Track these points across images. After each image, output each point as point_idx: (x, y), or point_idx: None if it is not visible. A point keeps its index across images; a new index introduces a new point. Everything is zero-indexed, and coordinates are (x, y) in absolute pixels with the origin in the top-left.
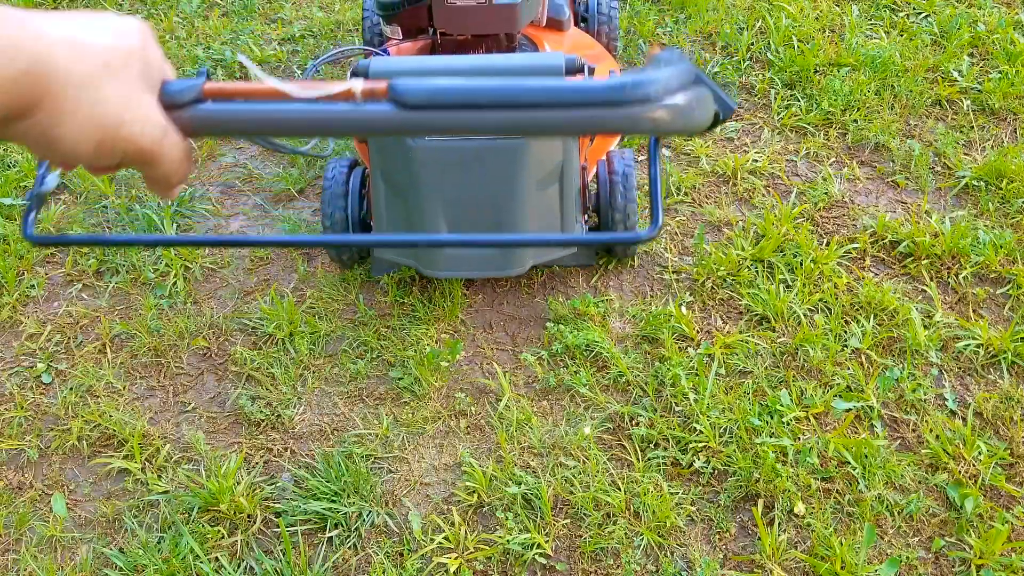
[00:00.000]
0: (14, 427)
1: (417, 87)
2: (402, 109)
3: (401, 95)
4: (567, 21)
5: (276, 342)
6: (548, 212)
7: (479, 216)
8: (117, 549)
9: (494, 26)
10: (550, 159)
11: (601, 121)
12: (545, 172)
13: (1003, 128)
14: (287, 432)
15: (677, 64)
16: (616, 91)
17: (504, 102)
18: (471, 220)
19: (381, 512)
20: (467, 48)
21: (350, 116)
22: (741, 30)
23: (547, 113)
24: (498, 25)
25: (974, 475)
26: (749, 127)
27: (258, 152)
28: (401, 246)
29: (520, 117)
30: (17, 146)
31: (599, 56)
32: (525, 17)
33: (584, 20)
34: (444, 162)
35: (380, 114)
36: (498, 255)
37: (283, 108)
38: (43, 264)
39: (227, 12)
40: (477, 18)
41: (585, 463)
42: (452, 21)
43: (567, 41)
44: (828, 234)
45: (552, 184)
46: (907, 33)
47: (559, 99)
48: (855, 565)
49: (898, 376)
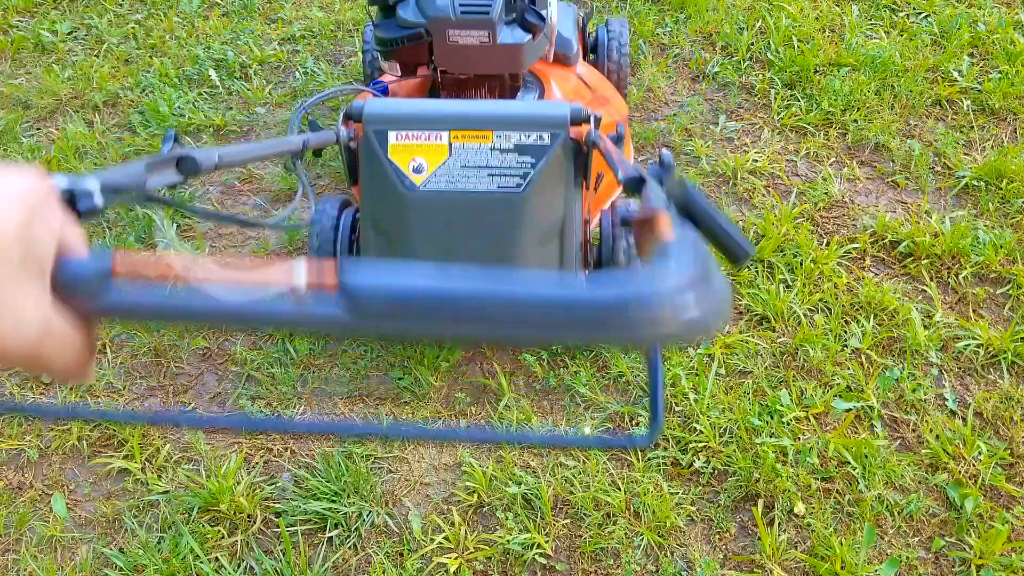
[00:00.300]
0: (14, 427)
1: (375, 289)
2: (354, 312)
3: (354, 296)
4: (575, 56)
5: (276, 342)
6: (547, 270)
7: None
8: (117, 549)
9: (498, 66)
10: (551, 214)
11: (594, 338)
12: (546, 228)
13: (1003, 128)
14: (287, 432)
15: (688, 252)
16: (616, 310)
17: (481, 316)
18: None
19: (381, 512)
20: (469, 87)
21: (289, 315)
22: (741, 30)
23: (531, 330)
24: (502, 66)
25: (974, 475)
26: (749, 127)
27: None
28: (349, 434)
29: (497, 332)
30: (17, 147)
31: (607, 98)
32: (530, 57)
33: (593, 52)
34: (439, 213)
35: (327, 316)
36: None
37: (208, 300)
38: None
39: (227, 12)
40: (480, 58)
41: (585, 463)
42: (454, 60)
43: (574, 79)
44: (828, 234)
45: (552, 240)
46: (907, 33)
47: (546, 317)
48: (855, 565)
49: (898, 376)
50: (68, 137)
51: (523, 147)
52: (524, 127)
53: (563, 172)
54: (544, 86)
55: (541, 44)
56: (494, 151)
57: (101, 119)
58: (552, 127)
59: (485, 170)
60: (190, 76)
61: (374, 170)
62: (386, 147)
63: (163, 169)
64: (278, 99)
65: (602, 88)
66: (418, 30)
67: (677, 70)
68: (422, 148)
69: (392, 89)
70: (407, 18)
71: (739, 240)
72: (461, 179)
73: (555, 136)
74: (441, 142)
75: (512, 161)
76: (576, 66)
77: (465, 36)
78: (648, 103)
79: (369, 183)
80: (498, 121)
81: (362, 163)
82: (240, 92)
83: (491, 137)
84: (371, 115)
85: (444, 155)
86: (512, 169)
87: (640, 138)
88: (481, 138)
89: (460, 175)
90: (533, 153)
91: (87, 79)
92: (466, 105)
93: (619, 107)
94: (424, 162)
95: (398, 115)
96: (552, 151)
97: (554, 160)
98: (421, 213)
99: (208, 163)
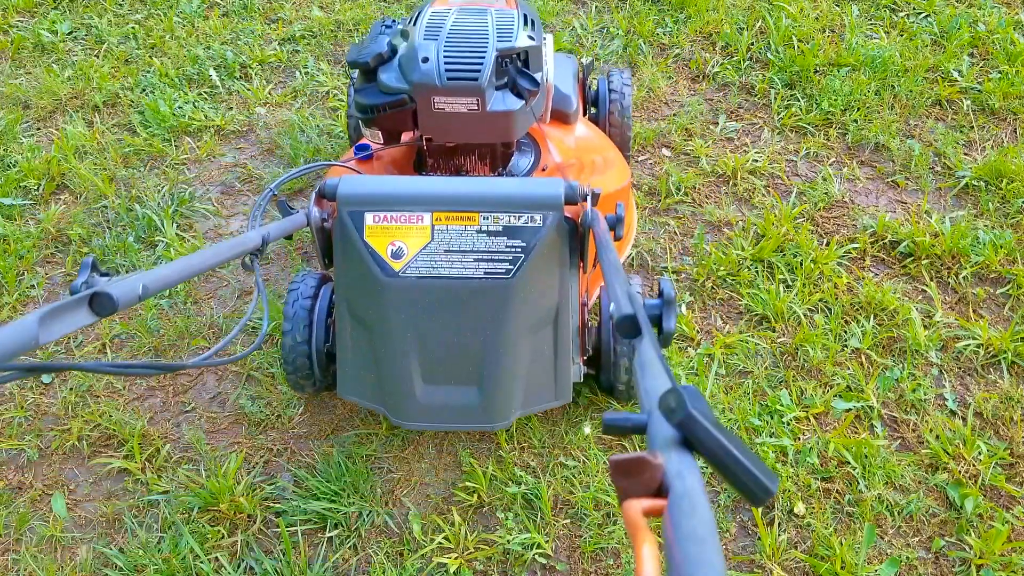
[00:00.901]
0: (14, 427)
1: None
2: None
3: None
4: (574, 113)
5: (276, 342)
6: (539, 358)
7: (458, 363)
8: (117, 549)
9: (487, 135)
10: (544, 301)
11: None
12: (538, 316)
13: (1003, 128)
14: (287, 432)
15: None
16: None
17: None
18: (449, 367)
19: (381, 512)
20: (457, 153)
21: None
22: (741, 30)
23: None
24: (492, 135)
25: (974, 475)
26: (749, 127)
27: (258, 152)
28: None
29: None
30: (17, 147)
31: (608, 162)
32: (522, 125)
33: (595, 105)
34: (420, 302)
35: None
36: (479, 405)
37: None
38: (43, 264)
39: (227, 12)
40: (468, 126)
41: (585, 463)
42: (440, 128)
43: (572, 139)
44: (828, 234)
45: (545, 328)
46: (907, 33)
47: None
48: (855, 565)
49: (898, 376)
50: (68, 137)
51: (513, 229)
52: (514, 208)
53: (557, 255)
54: (540, 149)
55: (536, 107)
56: (480, 234)
57: (101, 119)
58: (544, 208)
59: (471, 255)
60: (190, 76)
61: (349, 254)
62: (362, 229)
63: (68, 314)
64: (278, 99)
65: (603, 150)
66: (401, 96)
67: (677, 70)
68: (402, 231)
69: (377, 155)
70: (389, 84)
71: (759, 477)
72: (444, 264)
73: (547, 218)
74: (423, 224)
75: (501, 245)
76: (576, 124)
77: (452, 103)
78: (648, 103)
79: (344, 268)
80: (485, 201)
81: (336, 246)
82: (240, 92)
83: (477, 219)
84: (346, 195)
85: (426, 238)
86: (501, 254)
87: (640, 138)
88: (466, 220)
89: (443, 260)
90: (524, 236)
91: (87, 79)
92: (449, 184)
93: (621, 173)
94: (404, 246)
95: (375, 195)
96: (544, 234)
97: (547, 243)
98: (401, 301)
99: (129, 297)
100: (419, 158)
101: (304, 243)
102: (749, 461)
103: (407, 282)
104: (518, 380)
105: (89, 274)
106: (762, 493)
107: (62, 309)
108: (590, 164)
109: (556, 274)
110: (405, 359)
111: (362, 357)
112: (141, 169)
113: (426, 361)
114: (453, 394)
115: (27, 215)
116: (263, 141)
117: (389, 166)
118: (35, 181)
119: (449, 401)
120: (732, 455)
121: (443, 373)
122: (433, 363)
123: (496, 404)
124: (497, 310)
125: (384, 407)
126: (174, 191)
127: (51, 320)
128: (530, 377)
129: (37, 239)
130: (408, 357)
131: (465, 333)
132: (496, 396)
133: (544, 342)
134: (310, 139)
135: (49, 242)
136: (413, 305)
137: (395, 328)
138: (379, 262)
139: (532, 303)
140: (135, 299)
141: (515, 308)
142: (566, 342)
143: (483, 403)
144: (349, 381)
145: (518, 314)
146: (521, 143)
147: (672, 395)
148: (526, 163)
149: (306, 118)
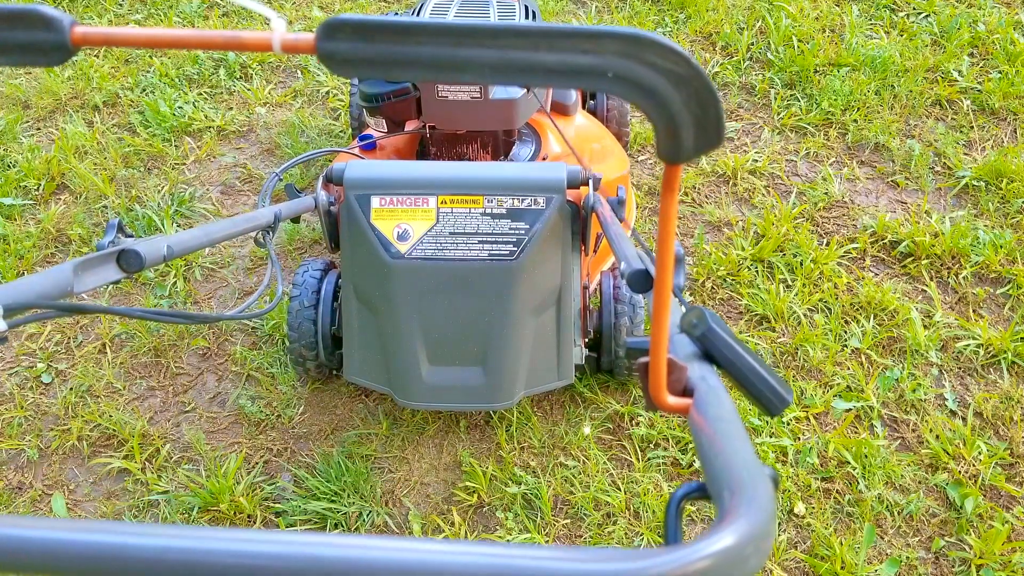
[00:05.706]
0: (14, 427)
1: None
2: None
3: (330, 59)
4: (573, 105)
5: (276, 342)
6: (542, 340)
7: (463, 344)
8: None
9: (490, 123)
10: (547, 283)
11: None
12: (541, 297)
13: (1003, 128)
14: (287, 432)
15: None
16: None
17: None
18: (454, 348)
19: (381, 512)
20: (460, 142)
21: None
22: (741, 30)
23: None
24: (495, 122)
25: (974, 475)
26: (749, 127)
27: (258, 152)
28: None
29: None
30: (17, 147)
31: (608, 151)
32: (524, 113)
33: (592, 98)
34: (425, 283)
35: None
36: (484, 385)
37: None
38: (43, 264)
39: (227, 12)
40: (471, 114)
41: (585, 463)
42: (443, 116)
43: (572, 130)
44: (828, 234)
45: (548, 309)
46: (907, 33)
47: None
48: (855, 565)
49: (898, 376)
50: (68, 137)
51: (516, 212)
52: (517, 191)
53: (560, 238)
54: (541, 139)
55: (537, 97)
56: (485, 216)
57: (101, 119)
58: (547, 191)
59: (475, 237)
60: (190, 76)
61: (356, 237)
62: (369, 213)
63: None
64: (278, 99)
65: (602, 140)
66: (405, 85)
67: None
68: (407, 213)
69: (380, 144)
70: None
71: (776, 387)
72: (450, 247)
73: (550, 200)
74: (428, 207)
75: (505, 227)
76: (575, 115)
77: (455, 91)
78: None
79: (351, 250)
80: (489, 185)
81: (343, 229)
82: (240, 92)
83: (481, 202)
84: (353, 179)
85: (431, 221)
86: (505, 236)
87: (640, 138)
88: (471, 203)
89: (448, 242)
90: (527, 219)
91: (87, 79)
92: (454, 168)
93: (620, 161)
94: (410, 228)
95: (381, 179)
96: (547, 216)
97: (550, 225)
98: (406, 282)
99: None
100: (422, 148)
101: (304, 243)
102: (767, 372)
103: (413, 264)
104: (522, 360)
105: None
106: (779, 402)
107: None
108: (589, 152)
109: (559, 256)
110: (411, 340)
111: (368, 339)
112: (141, 169)
113: (432, 342)
114: (459, 374)
115: (27, 215)
116: (263, 141)
117: (392, 156)
118: (35, 181)
119: (455, 381)
120: (750, 366)
121: (448, 354)
122: (438, 344)
123: (501, 384)
124: (501, 291)
125: (390, 388)
126: (174, 191)
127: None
128: (534, 357)
129: (37, 239)
130: (414, 338)
131: (470, 314)
132: (501, 376)
133: (547, 323)
134: (310, 139)
135: (49, 242)
136: (419, 286)
137: (401, 309)
138: (385, 244)
139: (535, 284)
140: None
141: (519, 289)
142: (568, 323)
143: (488, 383)
144: (355, 363)
145: (522, 295)
146: (522, 133)
147: (694, 312)
148: (527, 152)
149: (306, 118)
